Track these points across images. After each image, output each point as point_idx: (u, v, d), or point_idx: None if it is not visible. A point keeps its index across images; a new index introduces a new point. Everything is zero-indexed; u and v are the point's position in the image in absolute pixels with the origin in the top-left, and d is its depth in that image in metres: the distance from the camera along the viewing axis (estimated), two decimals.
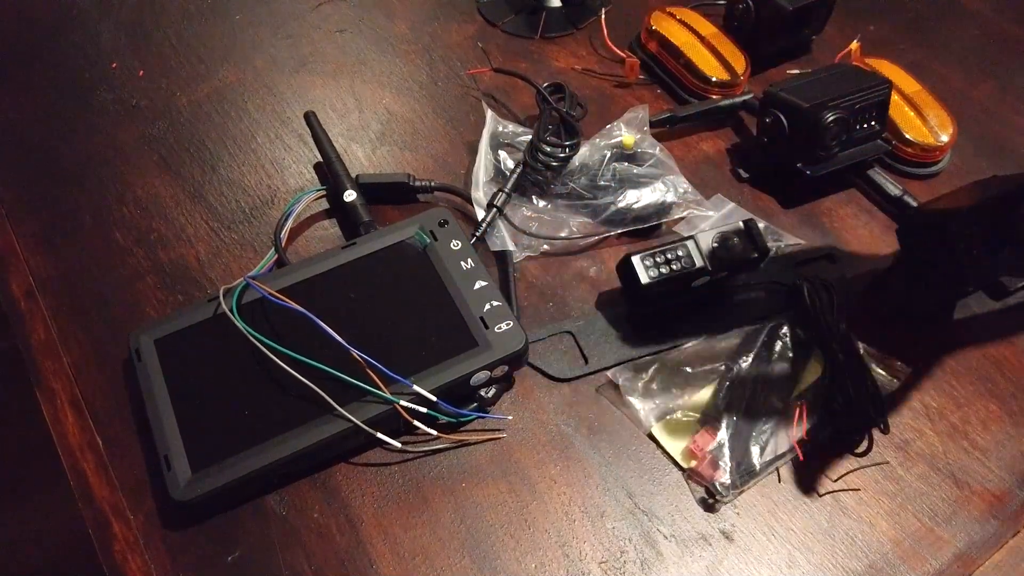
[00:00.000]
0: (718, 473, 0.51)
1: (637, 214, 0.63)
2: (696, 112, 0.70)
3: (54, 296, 0.61)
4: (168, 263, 0.63)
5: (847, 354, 0.54)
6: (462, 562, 0.49)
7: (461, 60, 0.78)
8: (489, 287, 0.56)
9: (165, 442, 0.50)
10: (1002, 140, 0.72)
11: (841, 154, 0.65)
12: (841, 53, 0.76)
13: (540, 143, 0.63)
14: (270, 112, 0.74)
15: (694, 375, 0.56)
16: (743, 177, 0.68)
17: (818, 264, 0.63)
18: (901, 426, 0.55)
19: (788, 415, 0.54)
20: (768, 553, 0.50)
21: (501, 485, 0.52)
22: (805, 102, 0.62)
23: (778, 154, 0.65)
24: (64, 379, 0.56)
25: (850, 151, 0.65)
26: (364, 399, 0.50)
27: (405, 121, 0.73)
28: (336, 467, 0.53)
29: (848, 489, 0.52)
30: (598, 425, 0.55)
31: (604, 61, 0.78)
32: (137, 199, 0.67)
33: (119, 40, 0.79)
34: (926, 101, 0.70)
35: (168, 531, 0.50)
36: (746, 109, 0.71)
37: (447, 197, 0.67)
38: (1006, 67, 0.78)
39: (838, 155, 0.65)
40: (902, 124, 0.68)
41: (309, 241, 0.64)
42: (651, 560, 0.50)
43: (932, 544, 0.51)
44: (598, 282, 0.62)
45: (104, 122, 0.72)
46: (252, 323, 0.53)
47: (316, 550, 0.49)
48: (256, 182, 0.68)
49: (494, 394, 0.54)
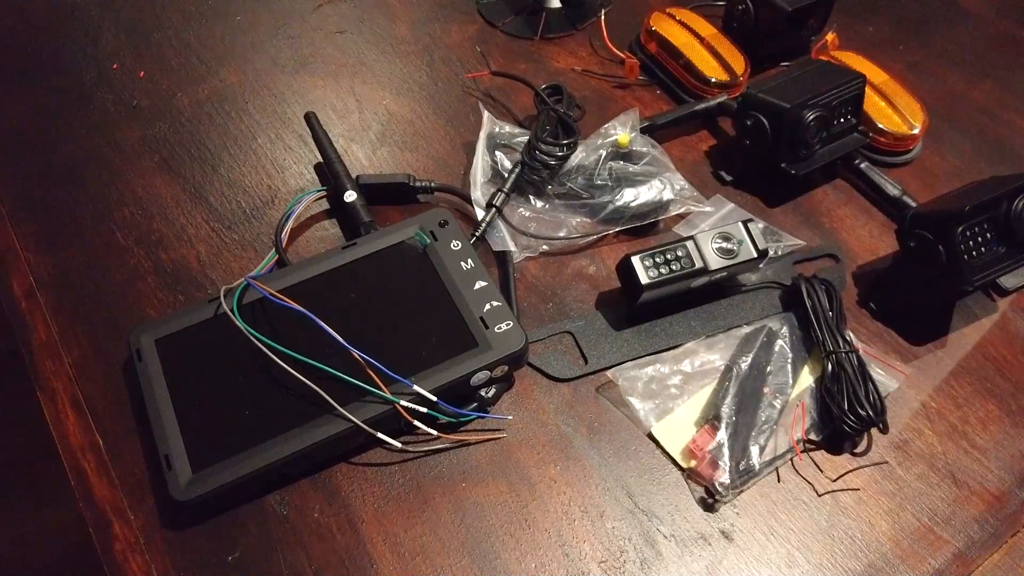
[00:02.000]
0: (718, 473, 0.51)
1: (635, 212, 0.63)
2: (675, 118, 0.70)
3: (54, 296, 0.61)
4: (169, 263, 0.63)
5: (846, 354, 0.55)
6: (462, 562, 0.49)
7: (461, 61, 0.78)
8: (489, 287, 0.56)
9: (165, 442, 0.50)
10: (1002, 140, 0.72)
11: (822, 150, 0.65)
12: (817, 44, 0.76)
13: (538, 142, 0.64)
14: (271, 113, 0.74)
15: (694, 375, 0.56)
16: (726, 180, 0.68)
17: (817, 264, 0.64)
18: (900, 426, 0.55)
19: (787, 415, 0.54)
20: (767, 553, 0.50)
21: (501, 485, 0.52)
22: (785, 102, 0.62)
23: (760, 155, 0.65)
24: (65, 379, 0.56)
25: (830, 147, 0.66)
26: (364, 399, 0.51)
27: (405, 122, 0.73)
28: (336, 467, 0.53)
29: (847, 489, 0.53)
30: (598, 425, 0.55)
31: (604, 62, 0.78)
32: (137, 199, 0.67)
33: (119, 40, 0.79)
34: (895, 91, 0.71)
35: (168, 531, 0.50)
36: (723, 112, 0.71)
37: (447, 198, 0.67)
38: (1006, 67, 0.79)
39: (819, 152, 0.65)
40: (875, 115, 0.69)
41: (310, 241, 0.64)
42: (651, 560, 0.50)
43: (931, 544, 0.51)
44: (597, 281, 0.62)
45: (104, 122, 0.72)
46: (253, 323, 0.53)
47: (316, 550, 0.50)
48: (257, 182, 0.68)
49: (494, 394, 0.54)
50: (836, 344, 0.55)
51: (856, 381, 0.53)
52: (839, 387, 0.53)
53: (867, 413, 0.52)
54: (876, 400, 0.53)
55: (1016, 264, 0.56)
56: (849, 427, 0.52)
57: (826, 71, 0.66)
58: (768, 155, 0.65)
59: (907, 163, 0.70)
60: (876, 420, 0.52)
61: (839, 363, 0.54)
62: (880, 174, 0.67)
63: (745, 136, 0.66)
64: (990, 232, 0.55)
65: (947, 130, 0.73)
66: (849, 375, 0.54)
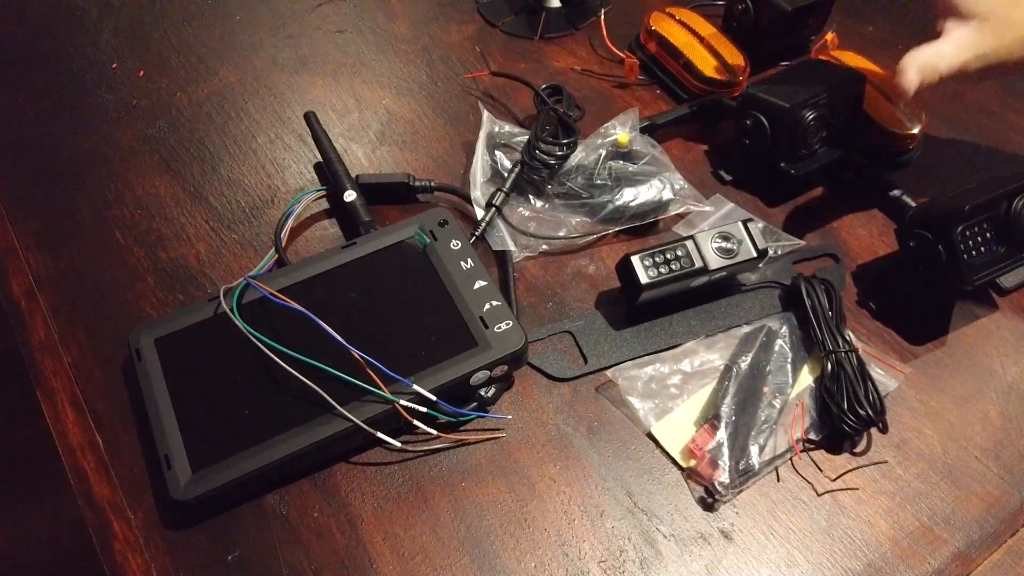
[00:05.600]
0: (717, 472, 0.51)
1: (634, 211, 0.63)
2: (674, 118, 0.70)
3: (54, 296, 0.61)
4: (168, 263, 0.63)
5: (846, 353, 0.55)
6: (462, 561, 0.49)
7: (461, 60, 0.78)
8: (489, 287, 0.56)
9: (165, 441, 0.50)
10: (1002, 140, 0.72)
11: (822, 150, 0.65)
12: (817, 44, 0.76)
13: (538, 142, 0.64)
14: (270, 112, 0.74)
15: (693, 374, 0.56)
16: (726, 180, 0.68)
17: (817, 264, 0.64)
18: (900, 425, 0.55)
19: (787, 415, 0.54)
20: (767, 552, 0.50)
21: (501, 485, 0.52)
22: (785, 102, 0.62)
23: (760, 155, 0.65)
24: (64, 379, 0.57)
25: (830, 147, 0.66)
26: (364, 399, 0.51)
27: (405, 121, 0.73)
28: (336, 467, 0.53)
29: (847, 488, 0.53)
30: (597, 425, 0.55)
31: (604, 62, 0.78)
32: (137, 199, 0.67)
33: (119, 40, 0.79)
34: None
35: (168, 530, 0.50)
36: (723, 112, 0.71)
37: (447, 197, 0.67)
38: None
39: (819, 152, 0.65)
40: (875, 115, 0.69)
41: (309, 241, 0.64)
42: (650, 559, 0.50)
43: (931, 543, 0.51)
44: (597, 281, 0.62)
45: (104, 122, 0.72)
46: (252, 323, 0.53)
47: (316, 550, 0.50)
48: (256, 182, 0.68)
49: (494, 394, 0.54)
50: (836, 344, 0.55)
51: (856, 381, 0.53)
52: (839, 387, 0.53)
53: (867, 413, 0.52)
54: (876, 400, 0.53)
55: (1016, 264, 0.56)
56: (849, 427, 0.52)
57: (826, 71, 0.66)
58: (768, 155, 0.65)
59: (907, 163, 0.70)
60: (876, 420, 0.52)
61: (839, 363, 0.54)
62: (880, 174, 0.67)
63: (745, 136, 0.66)
64: (990, 232, 0.55)
65: (947, 130, 0.73)
66: (849, 375, 0.54)
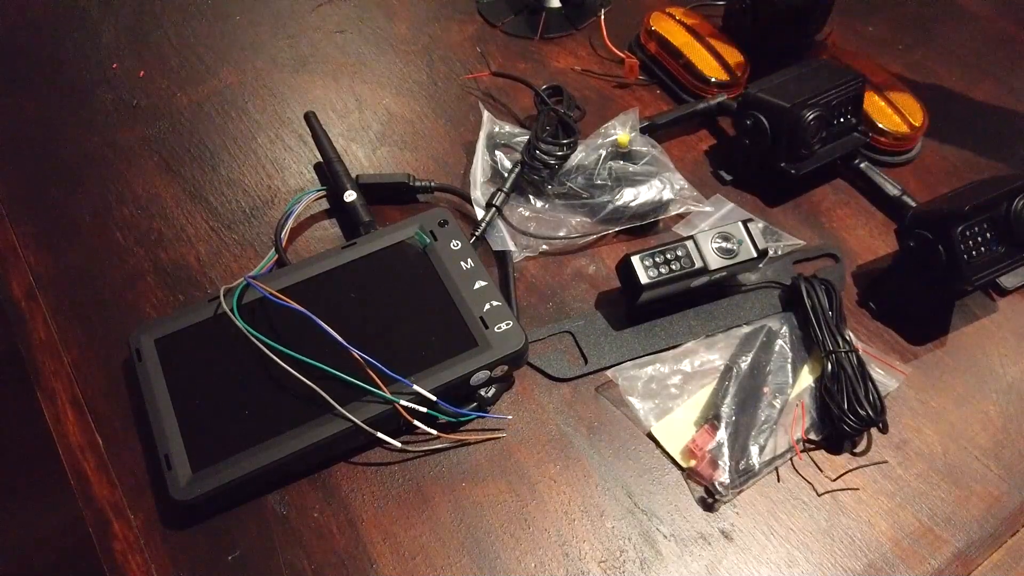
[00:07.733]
0: (717, 472, 0.51)
1: (634, 212, 0.63)
2: (674, 118, 0.70)
3: (54, 296, 0.61)
4: (168, 263, 0.63)
5: (846, 354, 0.55)
6: (462, 561, 0.49)
7: (461, 61, 0.78)
8: (489, 287, 0.56)
9: (165, 442, 0.50)
10: (1002, 140, 0.72)
11: (822, 150, 0.65)
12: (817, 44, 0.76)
13: (538, 142, 0.63)
14: (270, 112, 0.74)
15: (693, 375, 0.56)
16: (726, 180, 0.68)
17: (817, 264, 0.64)
18: (900, 425, 0.55)
19: (787, 415, 0.54)
20: (767, 552, 0.50)
21: (501, 485, 0.52)
22: (786, 102, 0.62)
23: (760, 155, 0.65)
24: (64, 379, 0.57)
25: (830, 146, 0.66)
26: (364, 399, 0.51)
27: (405, 121, 0.73)
28: (336, 467, 0.53)
29: (847, 488, 0.53)
30: (598, 425, 0.55)
31: (604, 62, 0.78)
32: (137, 199, 0.67)
33: (119, 40, 0.79)
34: (895, 90, 0.70)
35: (168, 531, 0.50)
36: (723, 112, 0.71)
37: (447, 197, 0.67)
38: (1006, 67, 0.79)
39: (819, 151, 0.65)
40: (875, 115, 0.69)
41: (309, 241, 0.64)
42: (650, 559, 0.50)
43: (931, 543, 0.51)
44: (597, 281, 0.62)
45: (104, 122, 0.72)
46: (252, 323, 0.53)
47: (316, 550, 0.50)
48: (256, 182, 0.68)
49: (494, 394, 0.54)
50: (836, 344, 0.55)
51: (856, 381, 0.53)
52: (839, 387, 0.53)
53: (867, 413, 0.52)
54: (876, 400, 0.53)
55: (1016, 264, 0.56)
56: (849, 427, 0.52)
57: (826, 71, 0.66)
58: (768, 155, 0.65)
59: (907, 163, 0.70)
60: (876, 420, 0.52)
61: (839, 363, 0.54)
62: (880, 174, 0.67)
63: (745, 136, 0.66)
64: (990, 232, 0.55)
65: (947, 130, 0.73)
66: (849, 375, 0.54)
